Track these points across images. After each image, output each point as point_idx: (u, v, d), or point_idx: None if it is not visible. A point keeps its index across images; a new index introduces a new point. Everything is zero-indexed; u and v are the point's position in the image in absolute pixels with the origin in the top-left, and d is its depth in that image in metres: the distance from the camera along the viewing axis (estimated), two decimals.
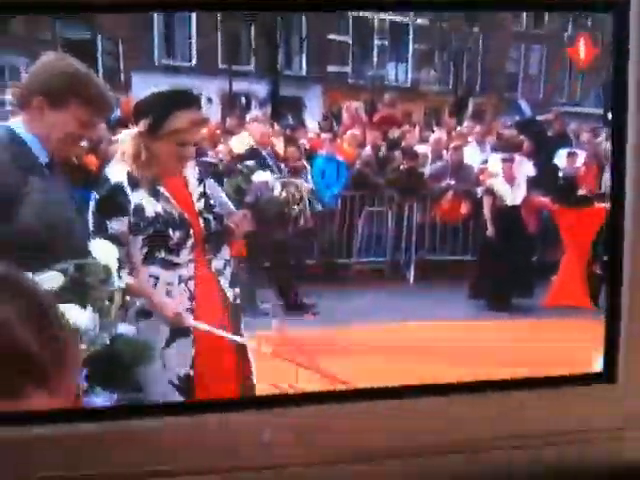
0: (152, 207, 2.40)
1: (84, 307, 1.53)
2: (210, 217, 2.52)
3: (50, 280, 1.52)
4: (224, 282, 2.55)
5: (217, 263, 2.53)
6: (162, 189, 2.44)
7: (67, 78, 2.11)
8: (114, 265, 1.61)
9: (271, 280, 5.49)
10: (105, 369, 1.51)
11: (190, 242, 2.45)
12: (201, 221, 2.50)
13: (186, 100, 2.47)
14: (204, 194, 2.53)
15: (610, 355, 1.79)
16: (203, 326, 2.44)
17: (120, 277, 1.62)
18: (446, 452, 1.71)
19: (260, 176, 2.84)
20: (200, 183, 2.55)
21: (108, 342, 1.53)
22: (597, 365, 1.79)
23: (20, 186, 1.98)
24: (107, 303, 1.56)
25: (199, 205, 2.50)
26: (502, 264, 5.74)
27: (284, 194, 2.81)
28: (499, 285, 5.72)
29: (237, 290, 2.60)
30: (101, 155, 4.64)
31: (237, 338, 2.56)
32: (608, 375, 1.78)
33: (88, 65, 2.25)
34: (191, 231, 2.46)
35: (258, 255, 4.94)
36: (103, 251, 1.61)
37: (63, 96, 2.10)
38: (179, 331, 2.44)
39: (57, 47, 6.64)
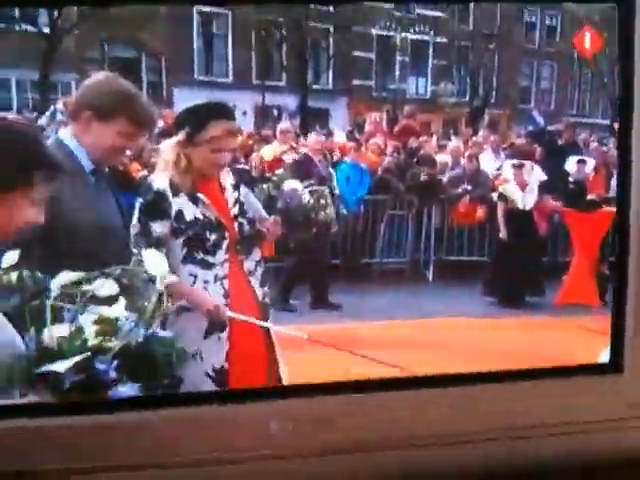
0: (192, 211, 2.42)
1: (125, 305, 1.53)
2: (244, 221, 2.52)
3: (105, 288, 1.53)
4: (254, 281, 2.54)
5: (249, 264, 2.51)
6: (200, 195, 2.45)
7: (116, 96, 2.14)
8: (161, 274, 1.61)
9: (300, 279, 5.50)
10: (136, 364, 1.50)
11: (225, 244, 2.45)
12: (235, 225, 2.49)
13: (220, 111, 2.50)
14: (238, 200, 2.53)
15: (616, 345, 1.74)
16: (239, 316, 2.45)
17: (162, 280, 1.61)
18: (450, 443, 1.67)
19: (289, 184, 2.82)
20: (235, 189, 2.54)
21: (142, 339, 1.49)
22: (604, 358, 1.76)
23: (67, 193, 2.00)
24: (146, 303, 1.53)
25: (234, 210, 2.50)
26: (515, 265, 5.70)
27: (312, 201, 2.80)
28: (512, 284, 5.68)
29: (266, 289, 2.59)
30: (145, 163, 4.70)
31: (268, 324, 2.56)
32: (614, 365, 1.73)
33: (134, 82, 2.29)
34: (226, 234, 2.46)
35: (288, 256, 4.95)
36: (153, 261, 1.61)
37: (111, 112, 2.13)
38: (216, 325, 2.45)
39: (105, 65, 6.75)
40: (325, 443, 1.62)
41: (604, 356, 1.76)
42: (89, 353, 1.42)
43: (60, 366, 1.40)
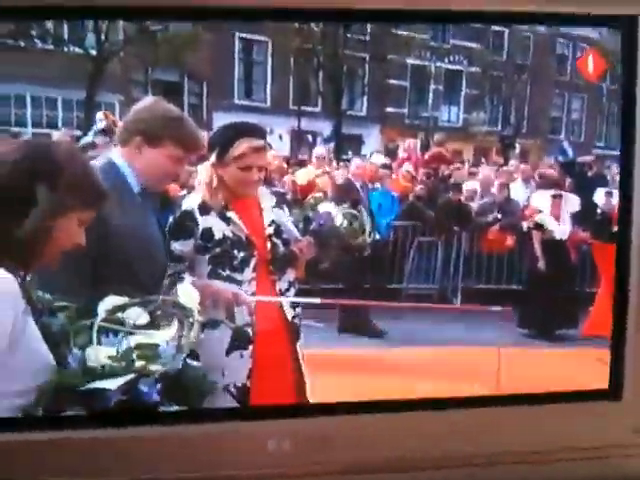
0: (221, 230, 2.44)
1: (167, 332, 1.58)
2: (278, 242, 2.54)
3: (138, 318, 1.58)
4: (285, 302, 2.55)
5: (281, 284, 2.54)
6: (232, 214, 2.48)
7: (164, 120, 2.17)
8: (195, 307, 1.69)
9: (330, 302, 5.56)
10: (174, 389, 1.53)
11: (253, 262, 2.47)
12: (268, 244, 2.52)
13: (247, 129, 2.52)
14: (274, 221, 2.55)
15: (615, 372, 1.74)
16: (257, 298, 2.43)
17: (199, 312, 1.69)
18: (450, 466, 1.68)
19: (324, 206, 2.85)
20: (271, 210, 2.57)
21: (179, 366, 1.53)
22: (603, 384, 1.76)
23: (117, 214, 2.01)
24: (185, 332, 1.58)
25: (269, 230, 2.52)
26: (549, 294, 5.70)
27: (345, 224, 2.82)
28: (544, 314, 5.68)
29: (298, 310, 2.59)
30: (183, 184, 4.84)
31: (290, 311, 2.54)
32: (614, 392, 1.74)
33: (176, 105, 2.35)
34: (255, 252, 2.48)
35: (319, 278, 5.03)
36: (187, 295, 1.69)
37: (160, 136, 2.16)
38: (239, 342, 2.42)
39: (148, 88, 6.96)
40: (323, 463, 1.62)
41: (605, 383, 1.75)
42: (134, 375, 1.47)
43: (110, 384, 1.45)
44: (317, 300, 2.81)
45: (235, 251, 2.45)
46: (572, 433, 1.72)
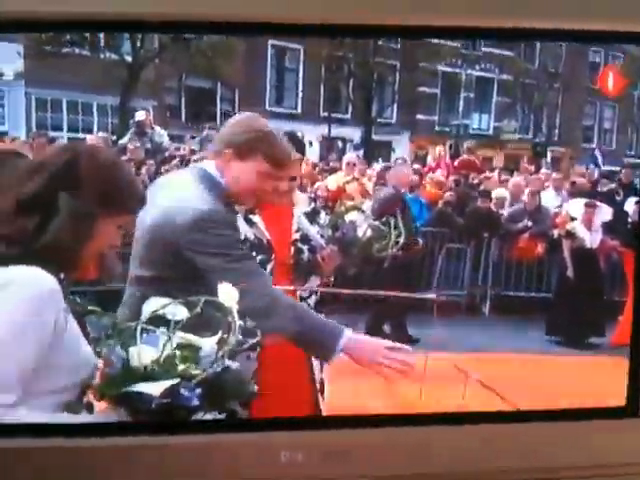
0: (244, 231, 2.41)
1: (209, 337, 1.58)
2: (304, 248, 2.55)
3: (176, 312, 1.57)
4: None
5: (302, 292, 2.54)
6: (257, 218, 2.48)
7: (258, 135, 2.15)
8: (234, 307, 1.68)
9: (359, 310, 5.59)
10: (214, 393, 1.53)
11: (270, 266, 2.46)
12: (292, 250, 2.53)
13: (289, 140, 2.40)
14: (301, 227, 2.55)
15: (633, 388, 1.72)
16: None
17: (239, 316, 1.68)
18: None
19: (351, 215, 2.83)
20: (299, 216, 2.56)
21: (220, 370, 1.54)
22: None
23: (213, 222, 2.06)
24: (225, 336, 1.56)
25: (295, 236, 2.53)
26: (577, 302, 5.69)
27: (369, 234, 2.77)
28: (574, 322, 5.67)
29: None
30: None
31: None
32: (631, 409, 1.72)
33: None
34: (272, 256, 2.47)
35: (344, 286, 5.04)
36: (226, 294, 1.69)
37: (251, 151, 2.15)
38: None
39: (181, 93, 7.08)
40: (336, 475, 1.61)
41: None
42: (179, 379, 1.48)
43: (154, 389, 1.46)
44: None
45: (254, 253, 2.42)
46: (588, 450, 1.71)
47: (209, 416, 1.53)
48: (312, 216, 2.64)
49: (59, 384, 1.50)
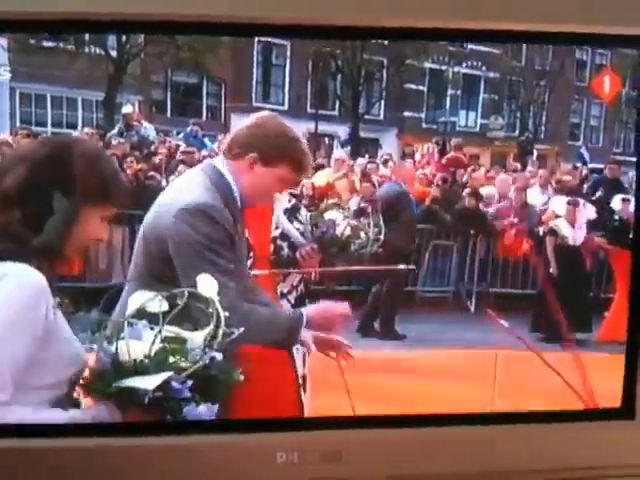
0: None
1: (195, 329, 1.60)
2: (284, 244, 2.60)
3: (156, 306, 1.58)
4: (285, 304, 2.57)
5: (283, 286, 2.58)
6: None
7: (285, 141, 2.09)
8: (215, 297, 1.61)
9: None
10: (205, 385, 1.56)
11: (249, 263, 2.44)
12: (271, 247, 2.57)
13: None
14: (279, 225, 2.61)
15: (628, 390, 1.73)
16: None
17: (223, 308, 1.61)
18: None
19: (331, 214, 2.82)
20: (280, 214, 2.62)
21: (208, 362, 1.56)
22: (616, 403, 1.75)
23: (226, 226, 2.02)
24: (214, 329, 1.59)
25: (275, 233, 2.57)
26: (563, 300, 5.75)
27: (347, 233, 2.76)
28: (560, 320, 5.73)
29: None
30: None
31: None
32: (626, 411, 1.73)
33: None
34: (251, 253, 2.46)
35: (331, 281, 5.05)
36: (205, 285, 1.63)
37: (278, 157, 2.09)
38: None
39: (167, 88, 7.06)
40: (332, 476, 1.64)
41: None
42: (171, 372, 1.50)
43: (147, 383, 1.47)
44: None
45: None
46: (584, 452, 1.72)
47: (202, 407, 1.53)
48: (292, 213, 2.63)
49: (48, 380, 1.52)
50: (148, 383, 1.47)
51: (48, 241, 1.51)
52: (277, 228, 2.61)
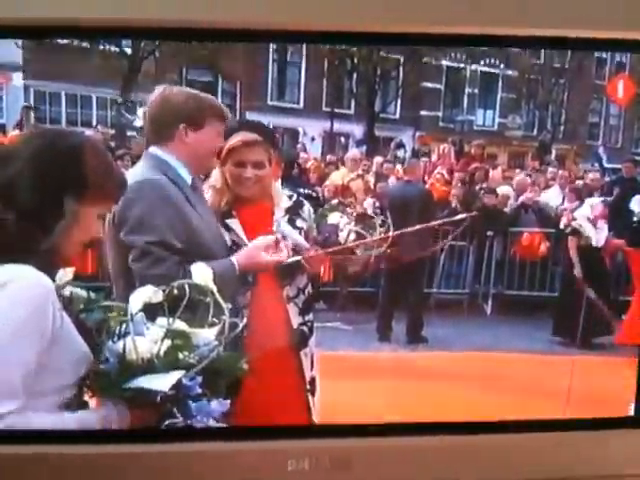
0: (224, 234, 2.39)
1: (202, 326, 1.59)
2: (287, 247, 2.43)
3: (149, 295, 1.58)
4: (292, 308, 2.49)
5: (290, 290, 2.49)
6: (233, 221, 2.44)
7: (195, 101, 2.17)
8: (213, 287, 1.61)
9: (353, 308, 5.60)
10: (213, 379, 1.55)
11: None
12: None
13: (244, 125, 2.49)
14: (279, 229, 2.47)
15: None
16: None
17: (224, 300, 1.61)
18: None
19: (333, 218, 2.76)
20: (281, 217, 2.51)
21: (215, 356, 1.55)
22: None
23: (179, 207, 2.11)
24: (218, 322, 1.59)
25: (277, 235, 2.43)
26: (583, 302, 5.71)
27: (352, 238, 2.68)
28: (582, 323, 5.68)
29: (307, 317, 2.53)
30: None
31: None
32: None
33: None
34: None
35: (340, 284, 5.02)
36: (200, 274, 1.63)
37: (200, 117, 2.17)
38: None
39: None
40: None
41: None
42: (183, 371, 1.49)
43: (161, 383, 1.47)
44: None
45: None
46: (596, 460, 1.72)
47: (214, 403, 1.53)
48: (294, 210, 2.57)
49: (58, 383, 1.51)
50: (162, 384, 1.47)
51: (47, 242, 1.50)
52: (278, 232, 2.48)
